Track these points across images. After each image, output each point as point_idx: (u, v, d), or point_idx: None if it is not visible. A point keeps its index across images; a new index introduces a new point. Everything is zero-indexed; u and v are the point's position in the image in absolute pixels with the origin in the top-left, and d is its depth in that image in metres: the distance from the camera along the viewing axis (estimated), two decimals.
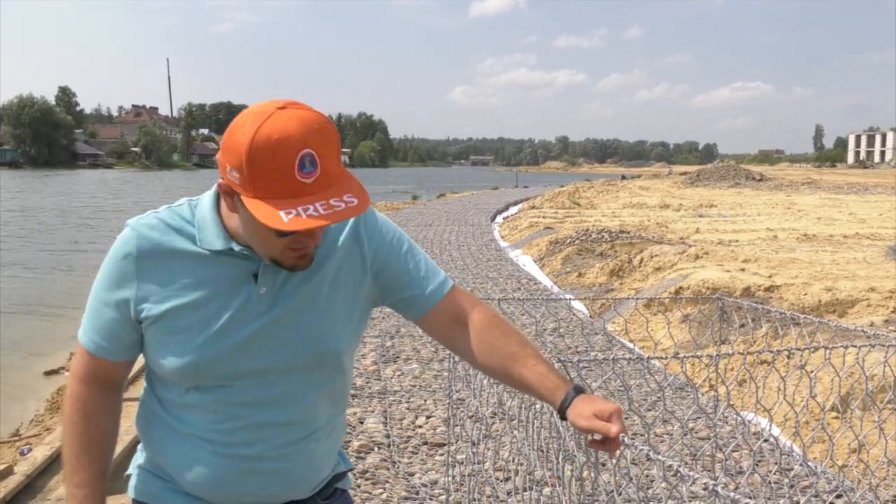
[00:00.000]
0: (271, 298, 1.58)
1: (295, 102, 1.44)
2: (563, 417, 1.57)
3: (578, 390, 1.58)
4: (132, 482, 1.76)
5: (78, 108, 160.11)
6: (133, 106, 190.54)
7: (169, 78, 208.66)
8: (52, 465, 5.46)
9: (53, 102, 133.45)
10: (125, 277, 1.58)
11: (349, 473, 1.89)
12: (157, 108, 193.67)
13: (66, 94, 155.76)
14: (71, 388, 1.66)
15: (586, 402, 1.54)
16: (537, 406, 2.81)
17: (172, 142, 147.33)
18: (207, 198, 1.61)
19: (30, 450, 5.78)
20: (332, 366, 1.68)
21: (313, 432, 1.68)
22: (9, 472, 5.13)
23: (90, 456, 1.64)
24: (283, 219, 1.36)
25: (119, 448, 5.43)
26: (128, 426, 5.88)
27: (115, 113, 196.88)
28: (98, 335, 1.62)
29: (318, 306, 1.62)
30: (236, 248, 1.56)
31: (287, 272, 1.58)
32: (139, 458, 1.77)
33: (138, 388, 6.18)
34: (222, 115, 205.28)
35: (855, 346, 2.67)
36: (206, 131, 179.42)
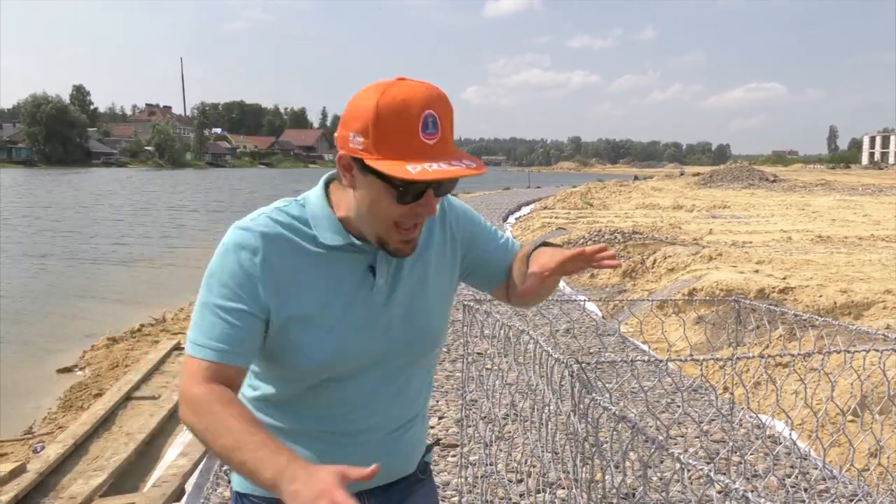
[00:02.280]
0: (388, 289, 1.64)
1: (422, 82, 1.50)
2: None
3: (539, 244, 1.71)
4: (237, 476, 1.74)
5: (92, 107, 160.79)
6: (147, 105, 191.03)
7: (182, 77, 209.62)
8: (64, 462, 5.48)
9: (68, 101, 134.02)
10: (250, 279, 1.54)
11: (434, 445, 2.00)
12: (170, 107, 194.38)
13: (80, 93, 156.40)
14: (191, 396, 1.49)
15: (542, 253, 1.65)
16: (551, 407, 2.79)
17: (185, 141, 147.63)
18: (315, 195, 1.64)
19: (43, 448, 5.79)
20: (437, 348, 1.78)
21: (420, 411, 1.80)
22: (22, 469, 5.14)
23: (252, 423, 1.45)
24: (411, 171, 1.41)
25: (132, 447, 5.46)
26: (140, 424, 5.84)
27: (128, 112, 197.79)
28: (220, 341, 1.52)
29: (425, 293, 1.71)
30: (356, 242, 1.60)
31: (397, 261, 1.64)
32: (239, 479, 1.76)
33: (151, 387, 6.07)
34: (235, 114, 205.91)
35: (876, 350, 2.63)
36: (218, 130, 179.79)
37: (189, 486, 4.88)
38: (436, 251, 1.74)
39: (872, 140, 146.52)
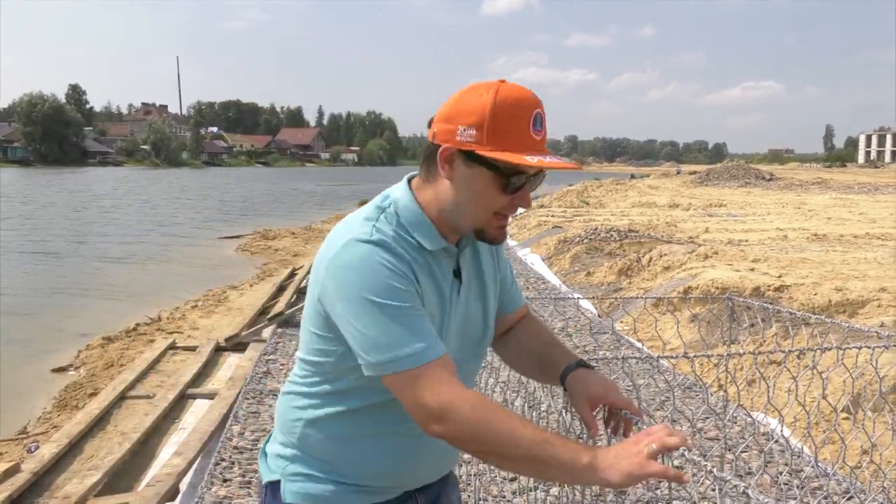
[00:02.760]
0: (465, 292, 1.75)
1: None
2: (563, 386, 1.78)
3: (581, 364, 1.79)
4: (290, 489, 1.74)
5: (88, 106, 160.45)
6: (143, 104, 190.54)
7: (179, 76, 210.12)
8: (59, 462, 5.47)
9: (64, 100, 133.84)
10: (406, 278, 1.57)
11: None
12: (166, 106, 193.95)
13: (76, 92, 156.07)
14: (466, 401, 1.50)
15: (589, 375, 1.76)
16: (543, 406, 2.79)
17: (182, 140, 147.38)
18: (406, 198, 1.68)
19: (37, 447, 5.79)
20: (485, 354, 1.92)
21: None
22: (16, 469, 5.13)
23: (532, 422, 1.54)
24: (530, 160, 1.54)
25: (126, 446, 5.45)
26: (135, 424, 5.82)
27: (124, 111, 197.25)
28: (430, 335, 1.55)
29: (486, 300, 1.82)
30: (447, 246, 1.69)
31: (469, 266, 1.77)
32: (284, 463, 1.76)
33: (146, 386, 6.06)
34: (232, 113, 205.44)
35: (868, 347, 2.63)
36: (215, 129, 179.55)
37: (183, 486, 4.88)
38: (486, 265, 1.84)
39: (868, 139, 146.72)
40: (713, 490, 3.89)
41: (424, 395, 1.50)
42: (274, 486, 1.76)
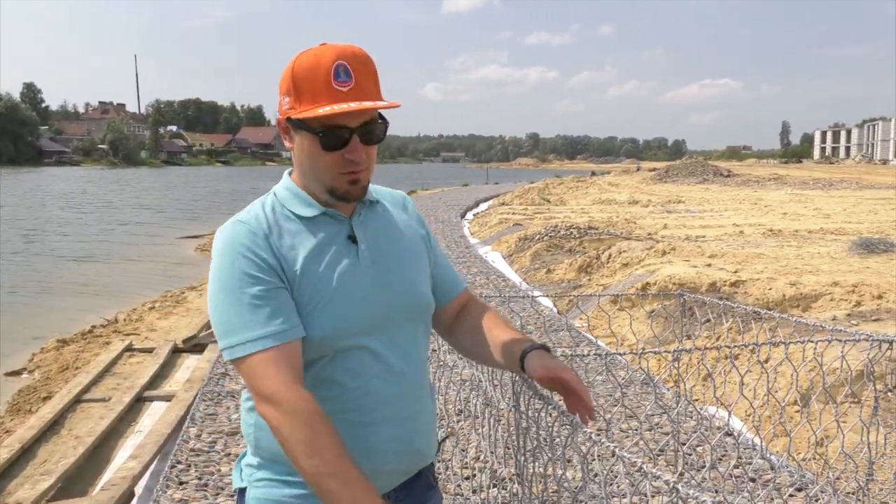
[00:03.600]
0: (370, 255, 1.71)
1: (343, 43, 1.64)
2: (522, 368, 1.73)
3: (540, 346, 1.75)
4: (253, 495, 1.72)
5: (43, 105, 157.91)
6: (100, 102, 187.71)
7: (137, 74, 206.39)
8: (11, 467, 5.39)
9: (18, 99, 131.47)
10: (266, 255, 1.60)
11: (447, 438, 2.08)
12: (124, 105, 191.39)
13: (31, 91, 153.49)
14: (284, 399, 1.51)
15: (545, 354, 1.73)
16: (501, 406, 2.81)
17: (140, 139, 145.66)
18: (281, 182, 1.75)
19: None
20: (426, 318, 1.83)
21: (428, 389, 1.83)
22: None
23: (345, 452, 1.51)
24: (319, 111, 1.55)
25: (80, 450, 5.38)
26: (90, 427, 5.74)
27: (81, 110, 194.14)
28: (271, 323, 1.55)
29: (407, 262, 1.79)
30: (329, 211, 1.69)
31: (372, 230, 1.74)
32: (253, 470, 1.74)
33: (101, 389, 5.99)
34: (191, 111, 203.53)
35: (812, 341, 2.68)
36: (174, 128, 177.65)
37: (139, 489, 4.83)
38: (406, 229, 1.84)
39: (824, 135, 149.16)
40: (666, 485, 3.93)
41: (254, 381, 1.55)
42: (241, 493, 1.77)
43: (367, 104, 1.57)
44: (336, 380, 1.65)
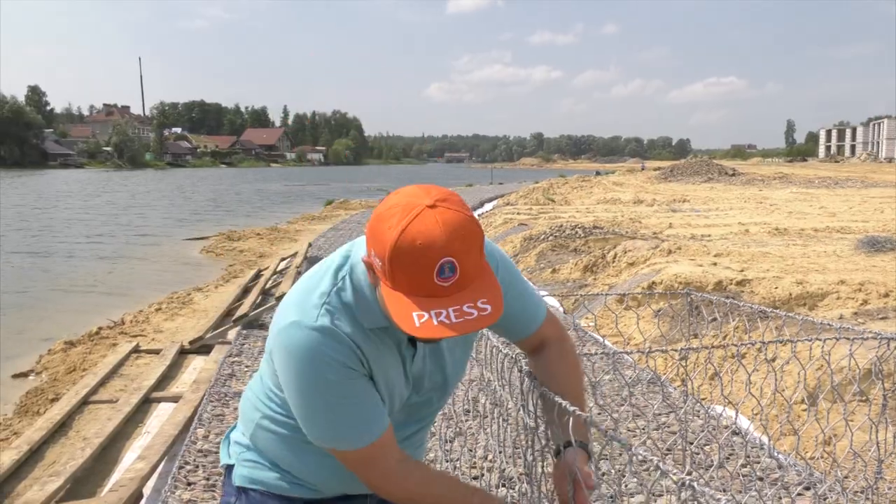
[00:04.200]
0: (428, 358, 1.76)
1: (445, 198, 1.48)
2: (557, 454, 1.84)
3: (583, 445, 1.80)
4: (239, 472, 1.83)
5: (48, 108, 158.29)
6: (104, 105, 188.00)
7: (141, 76, 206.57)
8: (19, 469, 5.40)
9: (23, 102, 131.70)
10: (344, 366, 1.60)
11: None
12: (128, 107, 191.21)
13: (35, 94, 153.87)
14: (397, 476, 1.69)
15: (577, 455, 1.77)
16: (510, 405, 2.81)
17: (145, 141, 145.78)
18: (361, 273, 1.64)
19: None
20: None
21: (428, 431, 1.99)
22: None
23: (466, 485, 1.84)
24: (416, 323, 1.43)
25: (88, 452, 5.39)
26: (97, 429, 5.76)
27: (86, 112, 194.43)
28: (373, 420, 1.65)
29: (455, 349, 1.82)
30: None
31: None
32: (242, 450, 1.84)
33: (108, 391, 5.99)
34: (195, 113, 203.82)
35: (820, 339, 2.68)
36: (178, 130, 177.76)
37: (147, 490, 4.84)
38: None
39: (829, 133, 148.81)
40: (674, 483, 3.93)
41: (360, 471, 1.68)
42: (229, 469, 1.86)
43: (470, 319, 1.45)
44: None
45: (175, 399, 6.68)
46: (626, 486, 4.04)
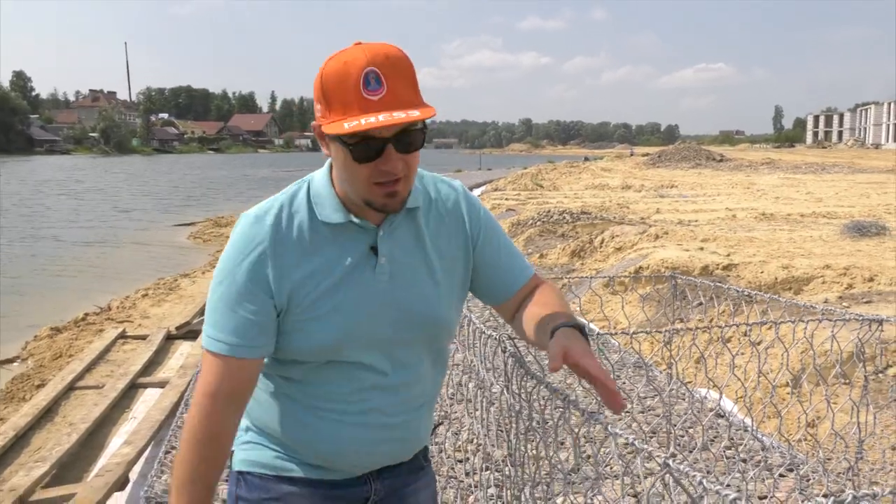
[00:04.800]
0: (389, 269, 1.65)
1: (377, 43, 1.53)
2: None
3: (572, 324, 1.63)
4: (239, 457, 1.79)
5: (33, 94, 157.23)
6: (90, 90, 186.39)
7: (127, 62, 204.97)
8: (5, 455, 5.39)
9: (8, 87, 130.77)
10: (260, 270, 1.59)
11: (438, 426, 2.03)
12: (115, 93, 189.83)
13: (20, 79, 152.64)
14: (199, 405, 1.61)
15: (571, 336, 1.59)
16: (494, 389, 2.82)
17: (132, 127, 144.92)
18: (320, 174, 1.68)
19: None
20: (445, 336, 1.79)
21: (429, 398, 1.81)
22: None
23: (208, 475, 1.63)
24: (345, 126, 1.45)
25: (75, 437, 5.38)
26: (84, 414, 5.74)
27: (72, 98, 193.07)
28: (233, 335, 1.59)
29: (431, 278, 1.70)
30: (355, 220, 1.62)
31: (400, 243, 1.66)
32: (239, 433, 1.77)
33: (95, 376, 5.96)
34: (182, 99, 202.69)
35: (803, 321, 2.69)
36: (165, 116, 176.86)
37: (133, 475, 4.84)
38: (445, 239, 1.74)
39: (816, 119, 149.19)
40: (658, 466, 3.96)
41: (201, 372, 1.64)
42: (231, 455, 1.81)
43: (399, 116, 1.45)
44: (329, 380, 1.67)
45: (162, 384, 6.67)
46: (610, 468, 4.06)
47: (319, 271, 1.61)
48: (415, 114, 1.47)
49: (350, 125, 1.45)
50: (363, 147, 1.50)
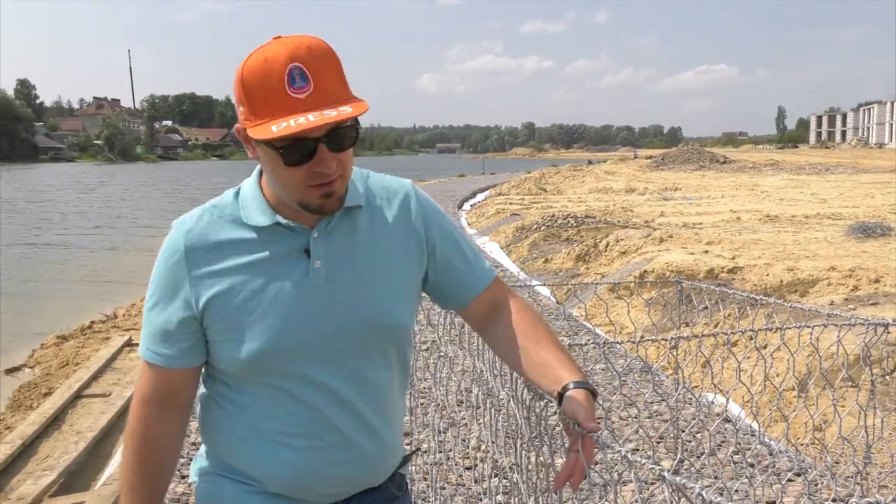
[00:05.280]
0: (325, 272, 1.54)
1: (298, 35, 1.44)
2: (559, 401, 1.51)
3: (583, 384, 1.52)
4: (199, 488, 1.70)
5: (38, 101, 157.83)
6: (94, 98, 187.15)
7: (131, 69, 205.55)
8: (13, 463, 5.40)
9: (13, 95, 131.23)
10: (177, 278, 1.54)
11: (413, 454, 1.89)
12: (119, 101, 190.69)
13: (25, 87, 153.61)
14: (133, 410, 1.61)
15: (582, 398, 1.49)
16: (501, 396, 2.82)
17: (136, 134, 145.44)
18: (249, 180, 1.61)
19: None
20: (395, 341, 1.65)
21: (386, 414, 1.66)
22: None
23: (149, 483, 1.62)
24: (273, 130, 1.36)
25: (82, 446, 5.39)
26: (91, 422, 5.75)
27: (76, 105, 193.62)
28: (159, 344, 1.57)
29: (374, 280, 1.58)
30: (282, 220, 1.53)
31: (338, 243, 1.56)
32: (202, 461, 1.71)
33: (101, 384, 5.96)
34: (186, 106, 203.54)
35: (809, 327, 2.69)
36: (169, 123, 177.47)
37: None
38: (392, 236, 1.62)
39: (819, 120, 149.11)
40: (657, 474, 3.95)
41: (137, 381, 1.64)
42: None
43: (330, 114, 1.36)
44: (274, 399, 1.57)
45: None
46: (618, 473, 4.06)
47: (243, 278, 1.52)
48: (346, 110, 1.38)
49: (278, 128, 1.36)
50: (293, 150, 1.41)
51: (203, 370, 1.65)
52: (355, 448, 1.60)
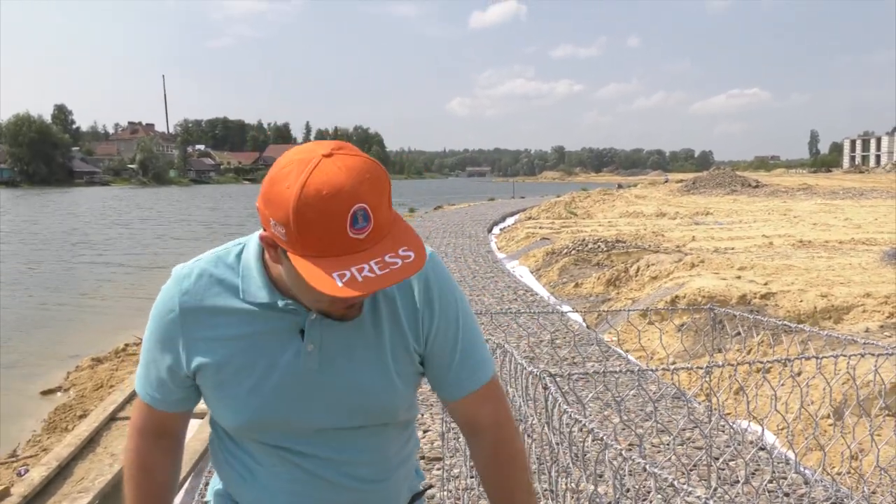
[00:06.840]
0: (319, 355, 1.48)
1: (340, 146, 1.31)
2: None
3: None
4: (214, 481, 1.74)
5: (74, 126, 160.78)
6: (129, 123, 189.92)
7: (165, 94, 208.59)
8: (49, 486, 5.47)
9: (50, 121, 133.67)
10: (171, 335, 1.52)
11: (426, 491, 1.83)
12: (153, 125, 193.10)
13: (62, 112, 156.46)
14: (129, 440, 1.66)
15: None
16: (533, 422, 2.82)
17: (169, 158, 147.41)
18: (254, 244, 1.50)
19: (27, 471, 5.77)
20: (390, 420, 1.59)
21: (387, 473, 1.62)
22: (6, 493, 5.13)
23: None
24: (338, 283, 1.24)
25: (116, 468, 5.44)
26: (125, 445, 5.79)
27: (111, 130, 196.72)
28: (151, 387, 1.59)
29: (372, 365, 1.52)
30: (281, 303, 1.46)
31: (336, 328, 1.48)
32: (217, 483, 1.72)
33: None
34: (219, 130, 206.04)
35: (845, 356, 2.67)
36: (202, 147, 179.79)
37: None
38: (393, 321, 1.54)
39: (853, 143, 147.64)
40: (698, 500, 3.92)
41: (131, 418, 1.67)
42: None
43: (390, 274, 1.26)
44: (267, 454, 1.57)
45: (201, 415, 6.71)
46: (650, 502, 4.03)
47: (235, 350, 1.48)
48: (409, 259, 1.29)
49: (343, 282, 1.24)
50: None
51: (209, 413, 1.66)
52: (352, 492, 1.58)
